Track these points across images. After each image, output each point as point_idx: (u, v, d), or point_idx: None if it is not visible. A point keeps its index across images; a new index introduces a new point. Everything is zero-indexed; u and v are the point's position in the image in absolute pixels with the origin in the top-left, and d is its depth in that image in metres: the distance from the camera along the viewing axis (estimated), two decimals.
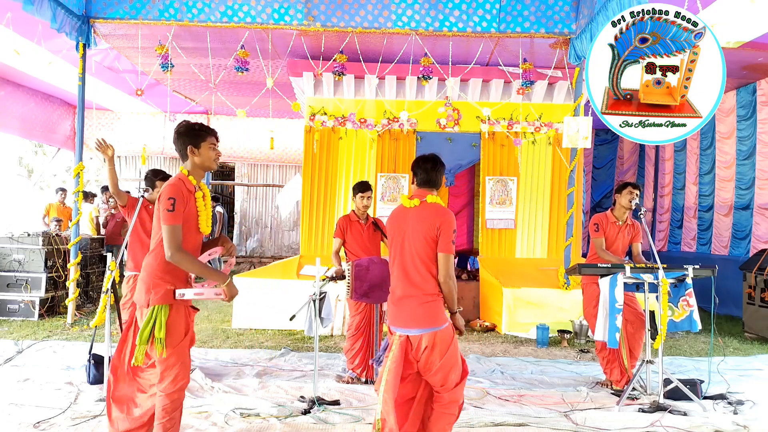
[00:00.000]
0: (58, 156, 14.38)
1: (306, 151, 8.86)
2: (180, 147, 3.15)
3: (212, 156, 3.17)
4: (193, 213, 3.08)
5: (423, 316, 3.08)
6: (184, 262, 2.97)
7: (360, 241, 5.17)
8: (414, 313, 3.09)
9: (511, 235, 8.87)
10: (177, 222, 2.96)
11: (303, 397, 4.46)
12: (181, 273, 3.05)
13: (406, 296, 3.13)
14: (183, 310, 3.05)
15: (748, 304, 7.38)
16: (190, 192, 3.07)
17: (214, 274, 3.11)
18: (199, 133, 3.15)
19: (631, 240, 5.16)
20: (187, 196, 3.04)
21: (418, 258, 3.12)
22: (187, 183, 3.08)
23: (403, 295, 3.14)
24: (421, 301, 3.09)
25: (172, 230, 2.94)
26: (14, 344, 6.03)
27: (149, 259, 3.08)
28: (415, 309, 3.09)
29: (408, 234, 3.18)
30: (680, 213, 11.03)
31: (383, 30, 7.17)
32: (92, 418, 3.90)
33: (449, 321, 3.16)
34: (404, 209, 3.28)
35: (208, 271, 3.08)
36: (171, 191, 2.98)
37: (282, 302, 7.03)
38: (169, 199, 2.95)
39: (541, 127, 8.80)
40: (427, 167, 3.27)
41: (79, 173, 7.28)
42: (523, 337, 7.11)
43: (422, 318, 3.07)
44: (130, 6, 7.06)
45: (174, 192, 2.98)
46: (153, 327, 2.93)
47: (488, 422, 4.04)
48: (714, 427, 4.06)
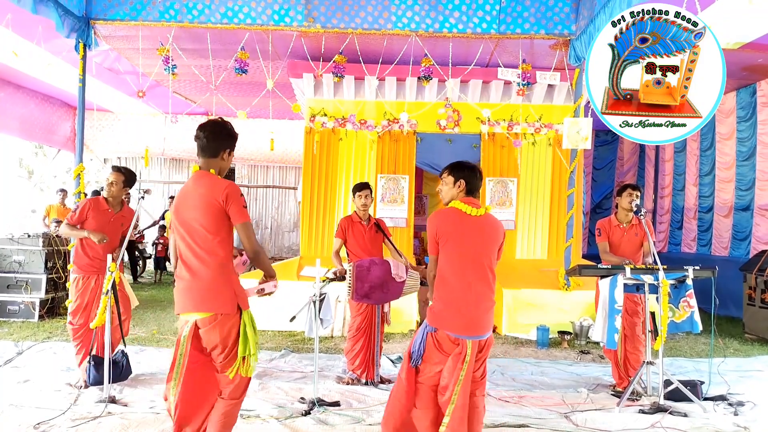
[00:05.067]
0: (58, 157, 14.39)
1: (306, 153, 8.86)
2: (215, 147, 3.04)
3: (230, 163, 3.19)
4: None
5: (491, 321, 3.28)
6: (264, 257, 3.06)
7: (361, 242, 5.16)
8: (490, 319, 3.25)
9: (511, 236, 8.86)
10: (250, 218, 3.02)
11: (303, 398, 4.45)
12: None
13: (487, 305, 3.22)
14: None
15: (749, 305, 7.38)
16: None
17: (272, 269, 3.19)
18: (235, 138, 3.15)
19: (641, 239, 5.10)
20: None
21: (492, 266, 3.26)
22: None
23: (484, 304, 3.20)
24: (493, 306, 3.27)
25: (251, 226, 2.99)
26: (14, 345, 6.03)
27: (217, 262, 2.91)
28: (491, 315, 3.26)
29: (481, 243, 3.22)
30: (680, 214, 11.03)
31: (383, 31, 7.17)
32: (92, 420, 3.90)
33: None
34: (466, 216, 3.22)
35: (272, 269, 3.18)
36: (239, 190, 2.99)
37: (282, 303, 7.00)
38: (242, 196, 2.97)
39: (541, 128, 8.80)
40: (476, 176, 3.31)
41: (79, 174, 7.28)
42: (524, 338, 7.11)
43: (491, 322, 3.27)
44: (131, 7, 7.06)
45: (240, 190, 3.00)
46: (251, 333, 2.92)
47: (488, 423, 4.03)
48: (714, 428, 4.05)
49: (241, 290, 2.98)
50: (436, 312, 3.19)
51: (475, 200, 3.28)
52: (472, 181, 3.28)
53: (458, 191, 3.28)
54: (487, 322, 3.22)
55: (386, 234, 5.22)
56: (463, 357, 3.09)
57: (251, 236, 2.96)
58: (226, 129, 3.10)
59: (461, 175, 3.27)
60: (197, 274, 2.91)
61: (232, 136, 3.12)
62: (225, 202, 2.90)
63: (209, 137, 3.04)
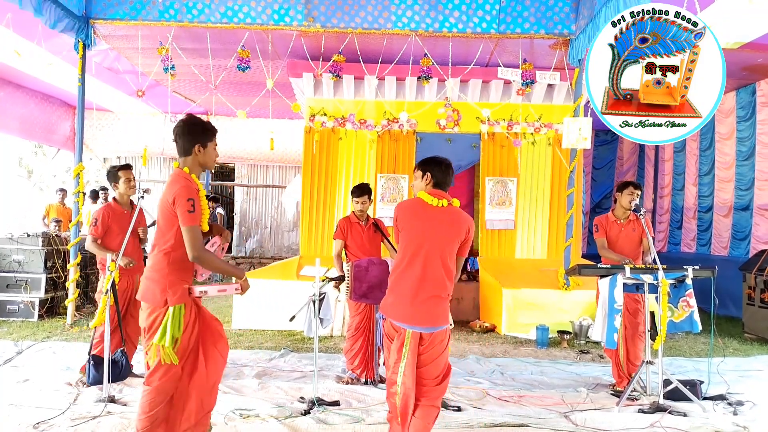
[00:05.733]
0: (57, 157, 14.39)
1: (306, 152, 8.86)
2: (186, 143, 3.10)
3: (214, 156, 3.19)
4: (200, 212, 3.08)
5: (441, 315, 3.20)
6: (209, 261, 3.04)
7: (360, 243, 5.16)
8: (435, 311, 3.18)
9: (511, 235, 8.87)
10: (197, 222, 2.98)
11: (303, 397, 4.45)
12: (191, 271, 3.10)
13: (429, 295, 3.17)
14: (192, 307, 3.10)
15: (748, 304, 7.38)
16: (197, 191, 3.07)
17: (235, 271, 3.20)
18: (208, 131, 3.15)
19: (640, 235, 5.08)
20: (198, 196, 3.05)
21: (447, 258, 3.20)
22: (192, 182, 3.08)
23: (425, 294, 3.16)
24: (442, 300, 3.20)
25: (195, 231, 2.96)
26: (14, 345, 6.03)
27: (159, 258, 3.05)
28: (436, 308, 3.18)
29: (434, 233, 3.20)
30: (680, 214, 11.03)
31: (383, 31, 7.17)
32: (92, 419, 3.89)
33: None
34: (426, 206, 3.26)
35: (230, 269, 3.18)
36: (188, 192, 2.98)
37: (282, 303, 7.03)
38: (189, 201, 2.95)
39: (541, 128, 8.80)
40: (442, 169, 3.33)
41: (78, 174, 7.28)
42: (523, 337, 7.11)
43: (440, 317, 3.20)
44: (130, 7, 7.06)
45: (191, 192, 2.99)
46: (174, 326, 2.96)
47: (488, 423, 4.03)
48: (714, 428, 4.05)
49: (177, 287, 3.00)
50: (386, 299, 3.30)
51: (441, 192, 3.31)
52: (437, 175, 3.33)
53: (425, 184, 3.36)
54: (431, 315, 3.16)
55: (385, 234, 5.23)
56: (401, 346, 3.16)
57: (192, 240, 2.95)
58: (191, 125, 3.13)
59: (428, 168, 3.36)
60: (148, 265, 3.13)
61: (202, 131, 3.13)
62: (173, 203, 2.98)
63: (176, 137, 3.12)
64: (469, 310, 8.25)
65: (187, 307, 3.04)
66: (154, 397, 3.03)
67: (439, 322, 3.18)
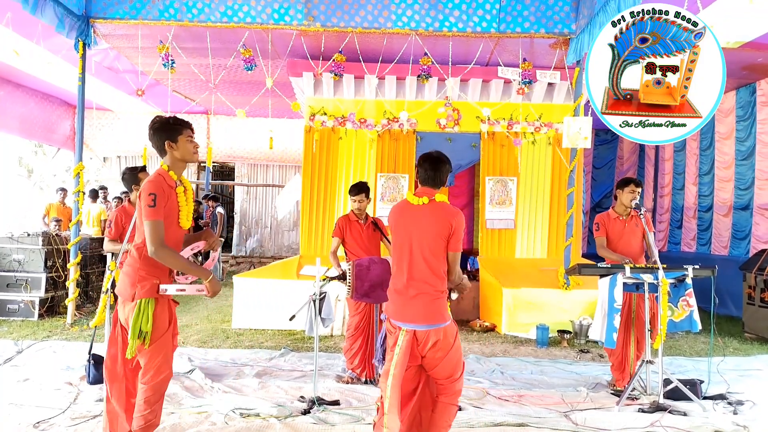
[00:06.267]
0: (57, 156, 14.39)
1: (306, 151, 8.86)
2: (157, 143, 3.13)
3: (191, 149, 3.18)
4: (174, 208, 3.09)
5: (432, 313, 3.15)
6: (167, 257, 3.00)
7: (359, 241, 5.17)
8: (424, 309, 3.15)
9: (511, 235, 8.87)
10: (158, 217, 2.96)
11: (303, 397, 4.45)
12: (165, 268, 3.09)
13: (415, 293, 3.16)
14: (167, 303, 3.12)
15: (748, 304, 7.38)
16: (170, 187, 3.07)
17: (197, 270, 3.16)
18: (175, 126, 3.14)
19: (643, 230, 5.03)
20: (168, 192, 3.05)
21: (431, 255, 3.18)
22: (167, 178, 3.08)
23: (412, 292, 3.17)
24: (431, 297, 3.16)
25: (154, 226, 2.95)
26: (14, 344, 6.03)
27: (133, 253, 3.09)
28: (425, 306, 3.15)
29: (417, 231, 3.21)
30: (680, 213, 11.03)
31: (383, 30, 7.17)
32: (92, 418, 3.90)
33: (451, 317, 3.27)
34: (409, 206, 3.29)
35: (190, 267, 3.14)
36: (151, 187, 2.99)
37: (282, 302, 7.03)
38: (150, 195, 2.96)
39: (541, 128, 8.80)
40: (428, 166, 3.31)
41: (78, 173, 7.28)
42: (523, 337, 7.11)
43: (432, 314, 3.15)
44: (130, 6, 7.06)
45: (154, 187, 2.99)
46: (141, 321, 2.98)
47: (488, 422, 4.04)
48: (714, 428, 4.05)
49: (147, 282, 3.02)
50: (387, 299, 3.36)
51: (426, 189, 3.32)
52: (422, 173, 3.35)
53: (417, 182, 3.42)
54: (421, 313, 3.13)
55: (384, 233, 5.24)
56: (394, 343, 3.17)
57: (150, 235, 2.95)
58: (156, 125, 3.14)
59: (417, 167, 3.41)
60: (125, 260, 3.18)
61: (168, 128, 3.13)
62: (139, 198, 3.04)
63: (149, 140, 3.15)
64: (469, 309, 8.25)
65: (158, 303, 3.04)
66: (150, 395, 3.04)
67: (431, 319, 3.14)
